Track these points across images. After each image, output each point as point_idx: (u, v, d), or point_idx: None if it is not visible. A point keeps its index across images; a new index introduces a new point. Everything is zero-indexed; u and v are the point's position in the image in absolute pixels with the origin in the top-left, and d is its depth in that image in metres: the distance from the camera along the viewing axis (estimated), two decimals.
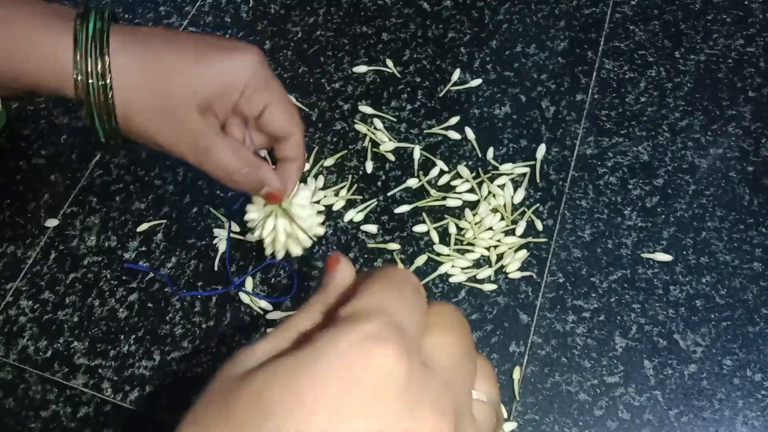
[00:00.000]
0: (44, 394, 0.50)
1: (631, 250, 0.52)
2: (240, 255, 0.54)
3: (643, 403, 0.47)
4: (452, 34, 0.63)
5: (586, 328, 0.49)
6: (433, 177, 0.56)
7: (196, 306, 0.52)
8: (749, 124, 0.56)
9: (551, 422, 0.46)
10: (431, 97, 0.60)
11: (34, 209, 0.57)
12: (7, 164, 0.60)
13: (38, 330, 0.52)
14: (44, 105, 0.63)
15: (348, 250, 0.53)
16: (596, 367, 0.48)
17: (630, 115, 0.57)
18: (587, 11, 0.63)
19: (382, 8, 0.65)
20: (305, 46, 0.63)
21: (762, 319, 0.49)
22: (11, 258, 0.55)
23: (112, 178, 0.58)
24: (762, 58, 0.59)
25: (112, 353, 0.51)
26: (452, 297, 0.51)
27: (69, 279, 0.54)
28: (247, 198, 0.46)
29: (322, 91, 0.61)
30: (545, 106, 0.58)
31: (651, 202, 0.54)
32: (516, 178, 0.55)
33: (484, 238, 0.52)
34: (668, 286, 0.50)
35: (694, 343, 0.48)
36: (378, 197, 0.55)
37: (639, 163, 0.55)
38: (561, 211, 0.54)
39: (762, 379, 0.47)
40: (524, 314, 0.50)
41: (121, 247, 0.55)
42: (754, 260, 0.51)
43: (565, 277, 0.51)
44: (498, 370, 0.48)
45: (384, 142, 0.57)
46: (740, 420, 0.46)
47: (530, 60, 0.61)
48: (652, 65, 0.60)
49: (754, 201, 0.53)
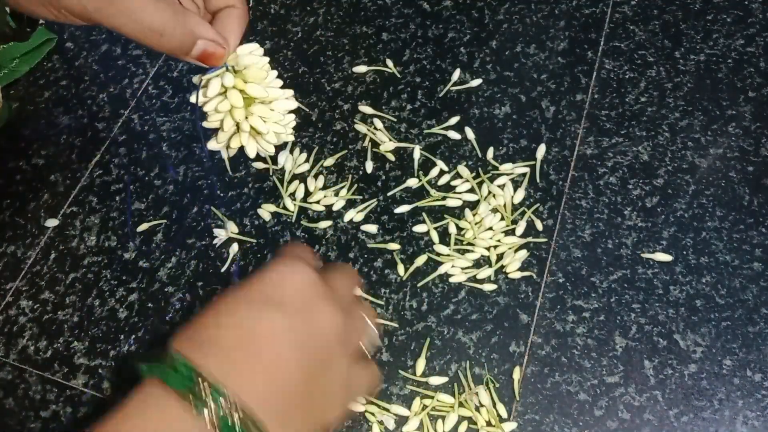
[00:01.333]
0: (44, 394, 0.50)
1: (631, 250, 0.52)
2: (240, 255, 0.54)
3: (643, 403, 0.47)
4: (452, 34, 0.63)
5: (586, 328, 0.49)
6: (433, 177, 0.56)
7: (196, 306, 0.52)
8: (749, 124, 0.56)
9: (551, 422, 0.46)
10: (431, 97, 0.60)
11: (34, 209, 0.57)
12: (7, 164, 0.60)
13: (38, 330, 0.52)
14: (44, 105, 0.63)
15: (348, 250, 0.53)
16: (596, 367, 0.48)
17: (630, 115, 0.57)
18: (587, 11, 0.63)
19: (382, 8, 0.65)
20: (305, 46, 0.63)
21: (762, 319, 0.49)
22: (11, 258, 0.55)
23: (112, 178, 0.58)
24: (762, 58, 0.59)
25: (112, 353, 0.51)
26: (452, 297, 0.51)
27: (69, 279, 0.54)
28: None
29: (322, 91, 0.61)
30: (545, 106, 0.58)
31: (651, 202, 0.54)
32: (516, 178, 0.55)
33: (484, 238, 0.52)
34: (668, 286, 0.50)
35: (694, 343, 0.48)
36: (378, 197, 0.55)
37: (639, 163, 0.55)
38: (561, 211, 0.54)
39: (762, 379, 0.47)
40: (524, 314, 0.50)
41: (121, 247, 0.55)
42: (754, 260, 0.51)
43: (565, 277, 0.51)
44: (498, 370, 0.48)
45: (384, 142, 0.57)
46: (740, 420, 0.46)
47: (530, 60, 0.61)
48: (652, 65, 0.60)
49: (754, 201, 0.53)
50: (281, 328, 0.32)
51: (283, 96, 0.38)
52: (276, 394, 0.31)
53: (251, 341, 0.31)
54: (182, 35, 0.33)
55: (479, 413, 0.46)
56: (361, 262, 0.53)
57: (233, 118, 0.37)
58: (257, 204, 0.56)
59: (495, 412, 0.47)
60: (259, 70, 0.36)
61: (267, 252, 0.54)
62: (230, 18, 0.36)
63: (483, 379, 0.48)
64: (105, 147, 0.60)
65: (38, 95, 0.63)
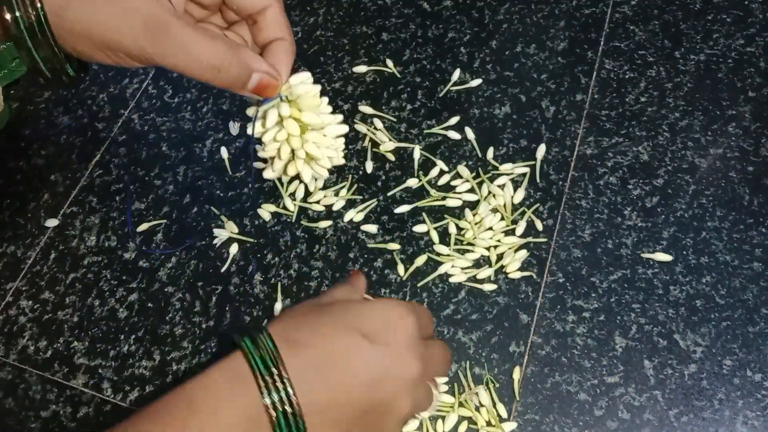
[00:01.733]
0: (44, 394, 0.50)
1: (631, 250, 0.52)
2: (240, 255, 0.54)
3: (643, 403, 0.47)
4: (452, 34, 0.63)
5: (586, 328, 0.49)
6: (433, 177, 0.56)
7: (196, 306, 0.52)
8: (749, 124, 0.56)
9: (551, 422, 0.46)
10: (431, 97, 0.60)
11: (34, 209, 0.57)
12: (7, 164, 0.60)
13: (38, 330, 0.52)
14: (44, 105, 0.63)
15: (348, 250, 0.53)
16: (596, 367, 0.48)
17: (630, 115, 0.57)
18: (587, 11, 0.63)
19: (382, 8, 0.65)
20: (305, 46, 0.63)
21: (762, 319, 0.49)
22: (11, 258, 0.55)
23: (112, 178, 0.58)
24: (762, 58, 0.59)
25: (112, 353, 0.51)
26: (452, 297, 0.51)
27: (69, 279, 0.54)
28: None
29: (322, 91, 0.61)
30: (545, 106, 0.58)
31: (651, 202, 0.54)
32: (516, 178, 0.55)
33: (484, 238, 0.52)
34: (668, 286, 0.50)
35: (694, 343, 0.48)
36: (378, 197, 0.55)
37: (639, 163, 0.55)
38: (561, 211, 0.54)
39: (762, 379, 0.47)
40: (524, 314, 0.50)
41: (121, 247, 0.55)
42: (754, 260, 0.51)
43: (565, 277, 0.51)
44: (498, 370, 0.48)
45: (384, 142, 0.57)
46: (740, 420, 0.46)
47: (530, 60, 0.61)
48: (652, 65, 0.60)
49: (754, 201, 0.53)
50: (367, 358, 0.35)
51: (334, 121, 0.40)
52: (332, 409, 0.34)
53: (336, 357, 0.34)
54: (238, 69, 0.34)
55: (479, 413, 0.46)
56: (361, 262, 0.53)
57: (290, 146, 0.39)
58: (257, 204, 0.56)
59: (495, 412, 0.47)
60: (313, 98, 0.38)
61: (267, 252, 0.54)
62: (280, 50, 0.37)
63: (483, 379, 0.48)
64: (105, 147, 0.60)
65: (38, 95, 0.63)
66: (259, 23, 0.38)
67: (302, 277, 0.53)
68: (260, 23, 0.38)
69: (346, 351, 0.35)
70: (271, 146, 0.39)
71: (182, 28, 0.33)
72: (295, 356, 0.34)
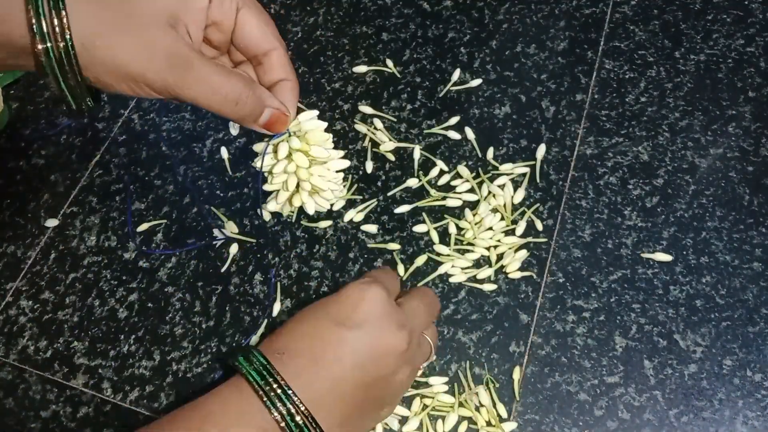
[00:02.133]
0: (44, 394, 0.50)
1: (631, 250, 0.52)
2: (240, 255, 0.54)
3: (643, 403, 0.47)
4: (452, 34, 0.63)
5: (586, 328, 0.49)
6: (433, 177, 0.56)
7: (196, 306, 0.52)
8: (749, 124, 0.56)
9: (551, 422, 0.46)
10: (431, 97, 0.60)
11: (34, 209, 0.57)
12: (7, 164, 0.60)
13: (38, 330, 0.52)
14: (44, 105, 0.63)
15: (348, 250, 0.53)
16: (596, 367, 0.48)
17: (630, 115, 0.57)
18: (587, 11, 0.63)
19: (382, 8, 0.65)
20: (305, 46, 0.63)
21: (762, 319, 0.49)
22: (11, 258, 0.55)
23: (112, 178, 0.58)
24: (762, 58, 0.59)
25: (112, 353, 0.51)
26: (452, 297, 0.51)
27: (69, 279, 0.54)
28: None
29: (322, 91, 0.61)
30: (545, 106, 0.58)
31: (651, 202, 0.54)
32: (516, 178, 0.55)
33: (484, 238, 0.52)
34: (668, 286, 0.50)
35: (694, 343, 0.48)
36: (378, 197, 0.55)
37: (639, 163, 0.55)
38: (561, 211, 0.54)
39: (762, 379, 0.47)
40: (524, 314, 0.50)
41: (121, 247, 0.55)
42: (754, 260, 0.51)
43: (565, 277, 0.51)
44: (498, 370, 0.48)
45: (384, 142, 0.57)
46: (740, 420, 0.46)
47: (530, 60, 0.61)
48: (652, 65, 0.60)
49: (754, 201, 0.53)
50: (348, 343, 0.37)
51: (337, 156, 0.42)
52: (335, 399, 0.36)
53: (320, 351, 0.37)
54: (254, 104, 0.37)
55: (479, 413, 0.46)
56: (361, 262, 0.53)
57: (298, 178, 0.41)
58: (257, 204, 0.56)
59: (495, 412, 0.47)
60: (321, 133, 0.41)
61: (267, 252, 0.54)
62: (285, 90, 0.39)
63: (483, 379, 0.48)
64: (105, 147, 0.60)
65: (38, 95, 0.63)
66: (264, 64, 0.40)
67: (302, 277, 0.53)
68: (265, 65, 0.40)
69: (327, 344, 0.37)
70: (278, 178, 0.41)
71: (204, 63, 0.35)
72: (285, 365, 0.36)
